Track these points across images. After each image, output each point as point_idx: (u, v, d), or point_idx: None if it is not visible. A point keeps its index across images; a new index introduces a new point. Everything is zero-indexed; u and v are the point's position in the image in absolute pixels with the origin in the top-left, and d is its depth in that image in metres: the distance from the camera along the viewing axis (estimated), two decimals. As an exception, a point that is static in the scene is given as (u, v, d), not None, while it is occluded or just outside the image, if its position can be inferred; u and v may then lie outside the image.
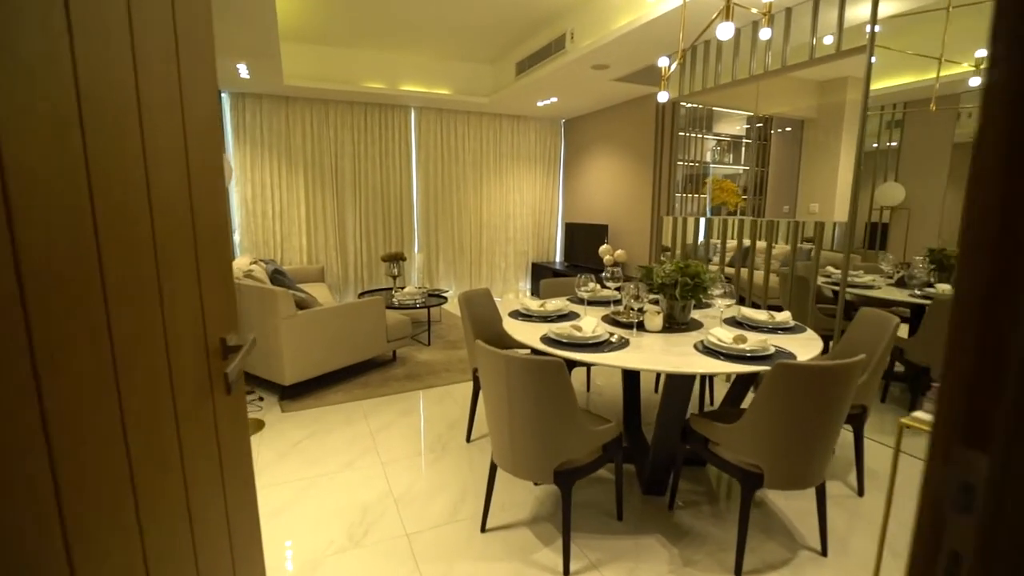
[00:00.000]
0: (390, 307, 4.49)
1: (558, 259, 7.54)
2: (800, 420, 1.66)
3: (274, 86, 5.14)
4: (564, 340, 2.01)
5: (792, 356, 1.88)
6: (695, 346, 2.00)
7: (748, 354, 1.85)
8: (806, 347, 2.02)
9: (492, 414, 1.84)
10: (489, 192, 6.86)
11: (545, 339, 2.06)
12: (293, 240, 5.90)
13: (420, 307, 4.54)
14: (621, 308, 2.43)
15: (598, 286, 2.78)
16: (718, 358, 1.86)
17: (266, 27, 3.42)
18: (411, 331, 4.11)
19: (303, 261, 5.96)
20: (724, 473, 2.33)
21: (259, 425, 2.98)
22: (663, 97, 3.01)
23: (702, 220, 4.36)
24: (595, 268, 6.25)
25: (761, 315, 2.39)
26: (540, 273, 7.06)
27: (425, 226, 6.54)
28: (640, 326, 2.27)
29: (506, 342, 2.32)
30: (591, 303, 2.79)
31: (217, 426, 0.97)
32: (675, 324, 2.33)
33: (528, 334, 2.18)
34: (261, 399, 3.37)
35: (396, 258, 5.31)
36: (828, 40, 2.98)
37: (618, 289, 2.68)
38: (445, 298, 4.88)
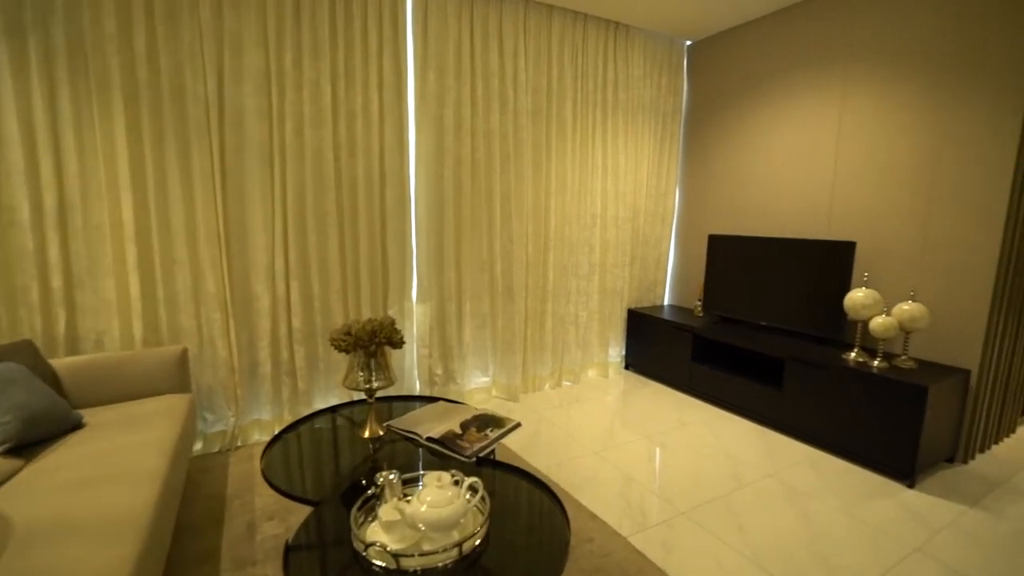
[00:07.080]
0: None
1: (667, 302, 4.15)
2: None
3: None
4: None
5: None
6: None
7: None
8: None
9: None
10: (562, 172, 3.42)
11: None
12: (99, 286, 2.32)
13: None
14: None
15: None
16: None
17: None
18: None
19: (133, 338, 2.39)
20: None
21: None
22: None
23: None
24: (811, 333, 2.87)
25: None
26: (643, 330, 3.65)
27: (435, 247, 3.05)
28: None
29: None
30: None
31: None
32: None
33: None
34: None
35: (372, 343, 1.87)
36: None
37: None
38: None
